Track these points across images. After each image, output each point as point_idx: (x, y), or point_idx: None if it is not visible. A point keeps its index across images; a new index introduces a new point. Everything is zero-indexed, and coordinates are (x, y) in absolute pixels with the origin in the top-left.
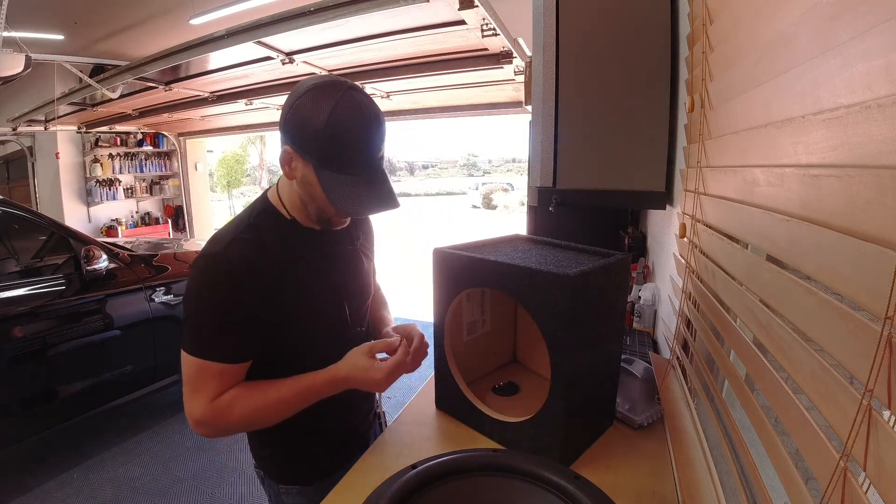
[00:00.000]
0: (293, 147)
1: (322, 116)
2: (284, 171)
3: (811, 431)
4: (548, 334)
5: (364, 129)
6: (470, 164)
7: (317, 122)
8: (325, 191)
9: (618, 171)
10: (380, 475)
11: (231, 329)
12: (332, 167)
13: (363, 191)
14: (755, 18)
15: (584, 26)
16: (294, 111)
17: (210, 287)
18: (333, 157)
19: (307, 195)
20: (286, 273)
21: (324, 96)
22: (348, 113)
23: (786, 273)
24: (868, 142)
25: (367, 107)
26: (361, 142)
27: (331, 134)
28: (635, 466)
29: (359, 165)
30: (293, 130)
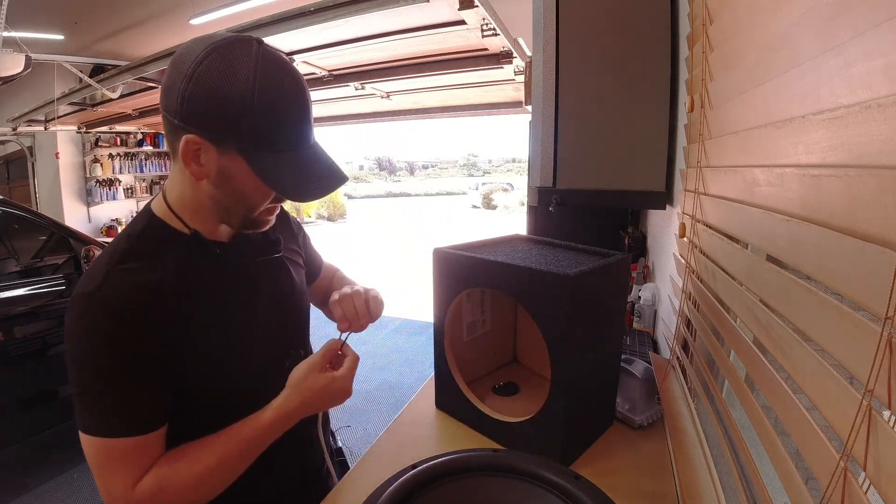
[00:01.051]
0: (201, 134)
1: (245, 83)
2: (191, 169)
3: (811, 431)
4: (548, 334)
5: (299, 89)
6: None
7: (239, 92)
8: (264, 178)
9: (618, 171)
10: (380, 475)
11: (133, 388)
12: (267, 146)
13: (309, 168)
14: (755, 18)
15: (584, 26)
16: (196, 86)
17: (91, 339)
18: (269, 133)
19: (226, 194)
20: (193, 303)
21: (234, 59)
22: (276, 71)
23: (786, 273)
24: (868, 142)
25: (287, 62)
26: (300, 106)
27: (263, 102)
28: (635, 466)
29: (299, 138)
30: (200, 111)
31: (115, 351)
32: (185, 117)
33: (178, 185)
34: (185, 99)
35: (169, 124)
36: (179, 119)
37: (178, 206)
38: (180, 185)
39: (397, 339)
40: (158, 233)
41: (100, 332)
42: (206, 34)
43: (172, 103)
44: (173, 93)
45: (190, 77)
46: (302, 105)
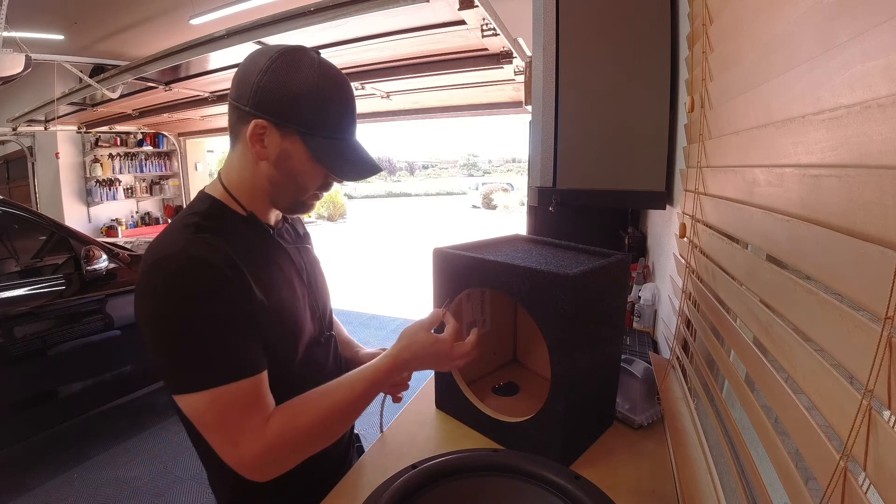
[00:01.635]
0: (269, 119)
1: (309, 79)
2: (255, 150)
3: (811, 431)
4: (548, 334)
5: (349, 90)
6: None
7: (305, 86)
8: (318, 158)
9: (618, 171)
10: (380, 475)
11: (237, 331)
12: (323, 132)
13: (355, 154)
14: (755, 18)
15: (584, 26)
16: (270, 77)
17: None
18: (326, 121)
19: (284, 173)
20: (256, 273)
21: (301, 61)
22: (333, 74)
23: (786, 273)
24: (868, 142)
25: (340, 71)
26: (350, 102)
27: (323, 96)
28: (635, 466)
29: (348, 128)
30: (269, 101)
31: (216, 299)
32: (256, 104)
33: (236, 169)
34: (258, 90)
35: (238, 112)
36: (251, 106)
37: (235, 189)
38: (239, 168)
39: (397, 338)
40: (219, 213)
41: (198, 284)
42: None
43: (245, 93)
44: (247, 85)
45: (264, 72)
46: (351, 103)
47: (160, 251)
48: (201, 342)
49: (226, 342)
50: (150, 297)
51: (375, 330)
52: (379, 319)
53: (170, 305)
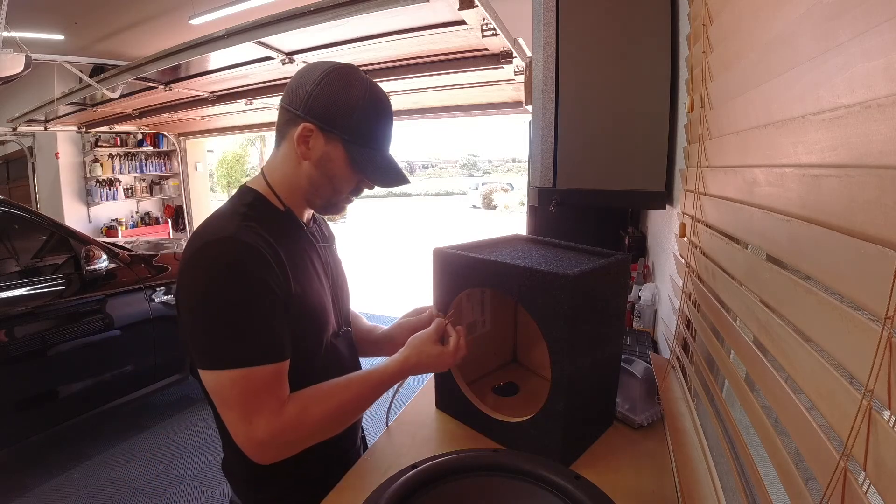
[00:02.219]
0: (317, 124)
1: (359, 93)
2: (300, 150)
3: (811, 431)
4: (548, 334)
5: (390, 109)
6: (470, 164)
7: (354, 99)
8: (356, 164)
9: (618, 171)
10: (380, 475)
11: (269, 319)
12: (363, 142)
13: (387, 164)
14: (755, 18)
15: (584, 26)
16: (323, 87)
17: (232, 273)
18: (367, 133)
19: (323, 174)
20: (292, 264)
21: (351, 76)
22: (379, 93)
23: (786, 273)
24: (868, 142)
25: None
26: (390, 120)
27: (368, 111)
28: (635, 466)
29: (385, 141)
30: (321, 108)
31: (261, 284)
32: (307, 110)
33: (279, 167)
34: (310, 97)
35: (288, 114)
36: (302, 111)
37: (277, 185)
38: (282, 166)
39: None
40: (261, 205)
41: (246, 267)
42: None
43: (298, 99)
44: (301, 91)
45: (317, 83)
46: (391, 121)
47: (211, 234)
48: (241, 322)
49: (263, 325)
50: (199, 275)
51: None
52: (379, 319)
53: (217, 284)
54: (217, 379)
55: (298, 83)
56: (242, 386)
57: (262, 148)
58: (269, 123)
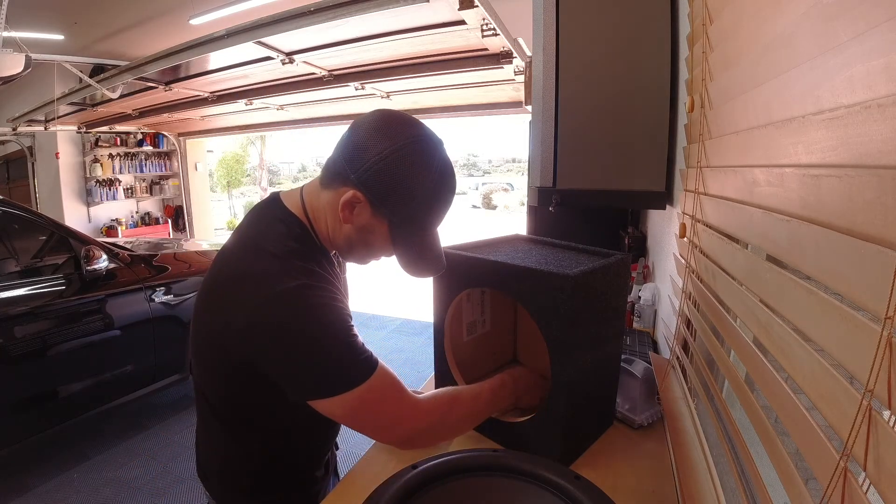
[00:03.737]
0: (369, 197)
1: (427, 182)
2: (343, 214)
3: (811, 431)
4: (548, 334)
5: (453, 193)
6: (470, 164)
7: (416, 189)
8: (396, 248)
9: (618, 171)
10: (380, 475)
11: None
12: (411, 227)
13: (428, 251)
14: (755, 18)
15: (584, 26)
16: (389, 165)
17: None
18: (419, 219)
19: (361, 240)
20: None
21: (426, 161)
22: (447, 181)
23: (786, 273)
24: (868, 142)
25: (452, 167)
26: (448, 205)
27: (428, 203)
28: (635, 466)
29: (434, 225)
30: (379, 185)
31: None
32: (363, 181)
33: (321, 210)
34: (370, 169)
35: (342, 172)
36: (356, 178)
37: (315, 223)
38: (323, 211)
39: (397, 339)
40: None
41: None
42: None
43: (357, 164)
44: (362, 158)
45: (383, 157)
46: (449, 205)
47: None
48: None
49: (357, 343)
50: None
51: (375, 330)
52: (379, 319)
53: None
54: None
55: (364, 144)
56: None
57: (262, 148)
58: (269, 123)
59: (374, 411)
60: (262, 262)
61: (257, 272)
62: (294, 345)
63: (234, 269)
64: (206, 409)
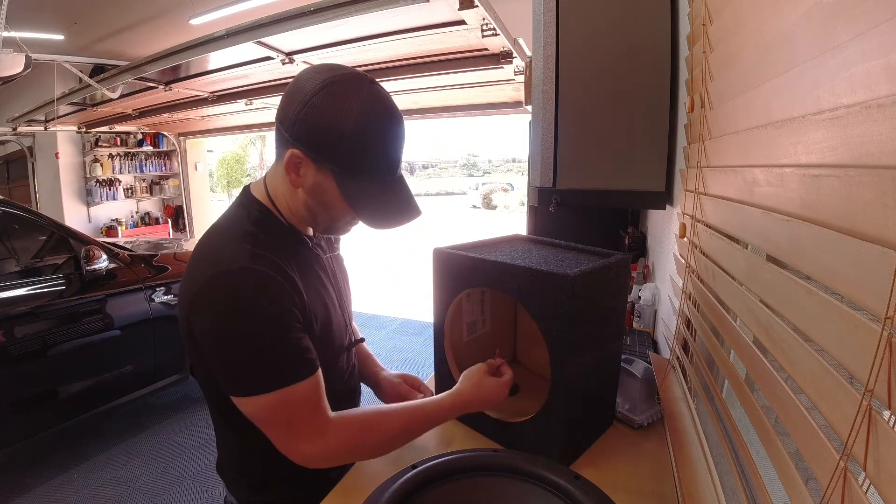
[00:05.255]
0: (305, 151)
1: (349, 119)
2: (290, 178)
3: (811, 431)
4: (548, 334)
5: (394, 130)
6: (470, 164)
7: (342, 127)
8: (349, 201)
9: (618, 171)
10: (380, 475)
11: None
12: (355, 174)
13: (390, 199)
14: (755, 18)
15: (584, 26)
16: (310, 111)
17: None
18: (360, 164)
19: (319, 203)
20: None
21: (346, 93)
22: (377, 113)
23: (786, 273)
24: (868, 142)
25: (392, 103)
26: (391, 145)
27: (360, 139)
28: (635, 466)
29: (386, 171)
30: (308, 134)
31: (280, 308)
32: (294, 135)
33: (280, 185)
34: (297, 120)
35: (280, 135)
36: (290, 135)
37: (278, 202)
38: (281, 186)
39: (397, 339)
40: (267, 221)
41: (265, 295)
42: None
43: (287, 120)
44: (289, 112)
45: (305, 103)
46: (394, 144)
47: (224, 264)
48: (269, 349)
49: (291, 345)
50: (220, 307)
51: (375, 330)
52: (379, 319)
53: (240, 316)
54: (256, 404)
55: (289, 98)
56: (285, 405)
57: (262, 148)
58: (269, 123)
59: (282, 423)
60: (213, 243)
61: (206, 253)
62: (222, 335)
63: (192, 256)
64: (210, 405)
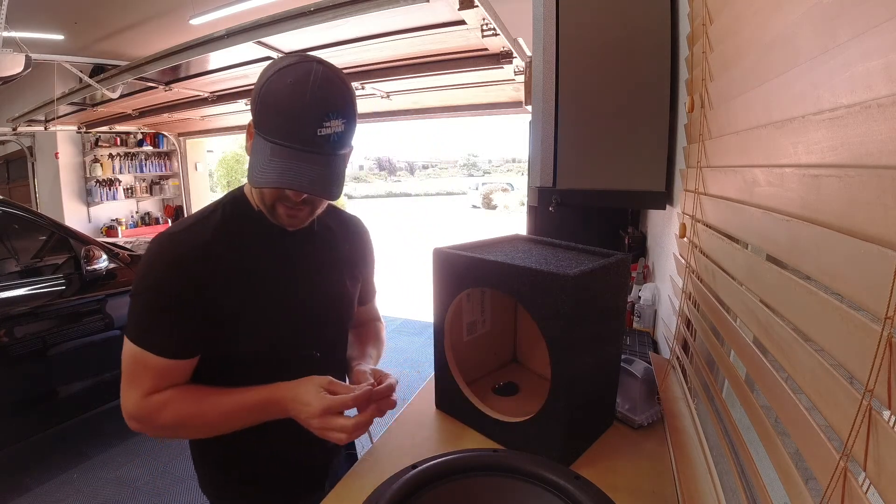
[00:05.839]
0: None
1: (264, 79)
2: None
3: (811, 431)
4: (548, 334)
5: (299, 96)
6: (470, 164)
7: (259, 84)
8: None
9: (618, 171)
10: (380, 475)
11: (173, 319)
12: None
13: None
14: (755, 18)
15: (584, 26)
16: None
17: (156, 269)
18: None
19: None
20: (241, 268)
21: (278, 64)
22: (292, 79)
23: (786, 273)
24: (868, 142)
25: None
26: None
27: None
28: (635, 466)
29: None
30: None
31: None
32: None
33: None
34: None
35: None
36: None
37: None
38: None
39: (397, 339)
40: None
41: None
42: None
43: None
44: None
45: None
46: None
47: (171, 226)
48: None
49: (164, 323)
50: (142, 259)
51: None
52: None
53: (140, 271)
54: (126, 343)
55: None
56: (132, 360)
57: None
58: None
59: (127, 373)
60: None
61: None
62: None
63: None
64: None
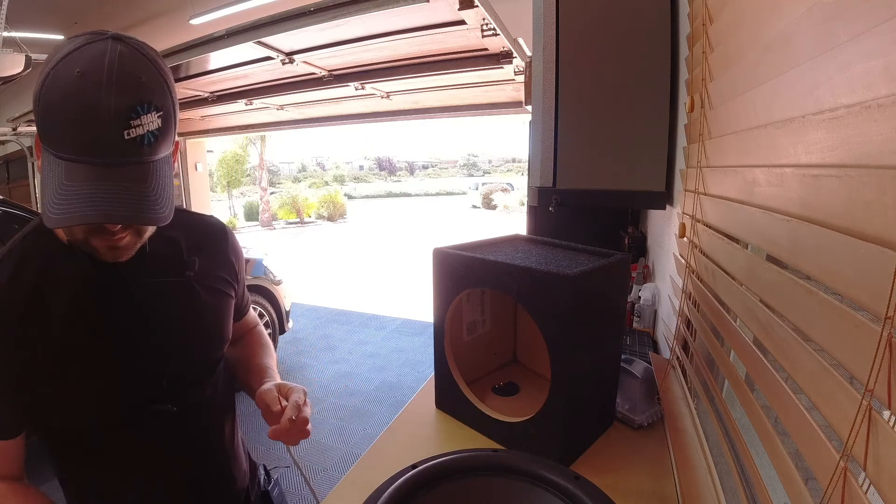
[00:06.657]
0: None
1: (45, 73)
2: (37, 165)
3: (811, 431)
4: (548, 334)
5: (93, 88)
6: (470, 164)
7: (39, 81)
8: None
9: (618, 171)
10: (380, 475)
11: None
12: (50, 143)
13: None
14: (755, 18)
15: (584, 26)
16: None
17: None
18: (49, 128)
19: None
20: (48, 316)
21: (62, 50)
22: (80, 67)
23: (786, 273)
24: (868, 142)
25: (116, 59)
26: (88, 106)
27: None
28: (635, 466)
29: (84, 144)
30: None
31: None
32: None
33: None
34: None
35: None
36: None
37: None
38: None
39: (397, 339)
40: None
41: None
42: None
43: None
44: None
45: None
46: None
47: None
48: None
49: None
50: None
51: (375, 330)
52: (379, 319)
53: None
54: None
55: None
56: None
57: (262, 148)
58: (269, 123)
59: None
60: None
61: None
62: None
63: None
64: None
